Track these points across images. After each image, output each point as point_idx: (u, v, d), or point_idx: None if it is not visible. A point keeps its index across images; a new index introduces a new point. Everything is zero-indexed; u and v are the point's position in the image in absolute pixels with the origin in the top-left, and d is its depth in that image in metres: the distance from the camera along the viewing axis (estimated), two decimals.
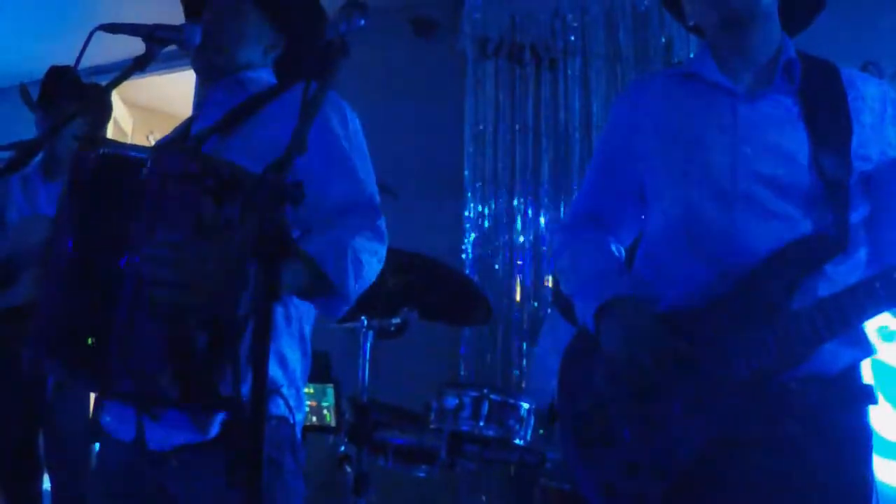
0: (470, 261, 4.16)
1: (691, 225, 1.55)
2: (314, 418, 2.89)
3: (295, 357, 1.61)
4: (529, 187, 4.15)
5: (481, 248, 4.17)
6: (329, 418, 2.90)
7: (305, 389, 1.71)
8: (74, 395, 2.93)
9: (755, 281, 1.48)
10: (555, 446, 2.57)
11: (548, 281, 3.99)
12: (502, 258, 4.14)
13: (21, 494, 2.99)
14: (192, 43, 1.64)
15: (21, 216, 3.07)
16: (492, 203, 4.19)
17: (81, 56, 1.58)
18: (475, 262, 4.16)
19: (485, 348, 4.07)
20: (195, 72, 1.76)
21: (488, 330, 4.01)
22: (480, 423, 2.66)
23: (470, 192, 4.22)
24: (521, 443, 2.67)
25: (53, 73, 3.15)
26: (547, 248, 3.99)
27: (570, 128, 4.12)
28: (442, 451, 2.61)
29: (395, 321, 2.78)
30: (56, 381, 2.89)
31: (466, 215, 4.21)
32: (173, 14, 1.83)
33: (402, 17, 4.40)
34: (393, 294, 2.68)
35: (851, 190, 1.48)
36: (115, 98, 4.63)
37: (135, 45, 1.53)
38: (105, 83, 1.58)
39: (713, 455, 1.47)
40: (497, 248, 4.15)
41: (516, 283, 4.09)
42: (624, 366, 1.56)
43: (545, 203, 4.10)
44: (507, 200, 4.18)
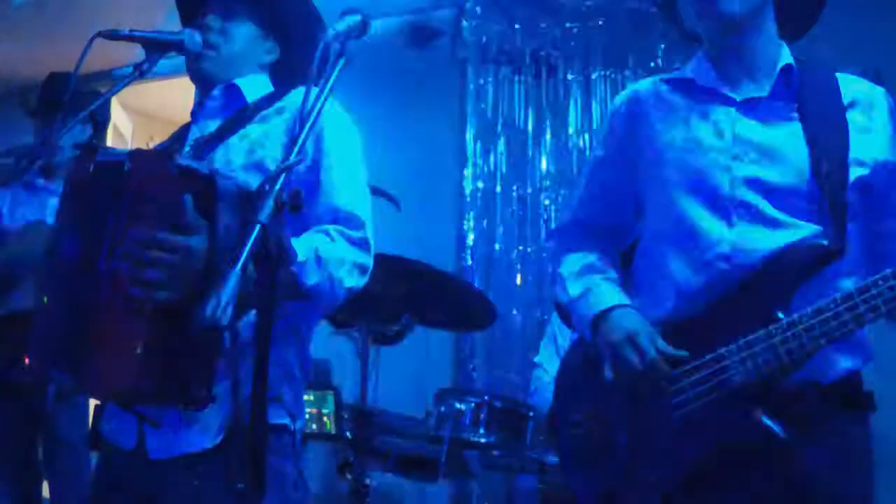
0: (470, 268, 4.15)
1: (688, 232, 1.55)
2: (314, 425, 2.88)
3: (295, 364, 1.61)
4: (530, 194, 4.15)
5: (482, 254, 4.16)
6: (329, 425, 2.90)
7: (305, 396, 1.71)
8: (73, 402, 2.93)
9: (752, 287, 1.48)
10: (555, 453, 2.56)
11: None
12: (503, 265, 4.13)
13: (20, 502, 2.98)
14: (191, 49, 1.65)
15: (25, 222, 3.07)
16: (493, 210, 4.19)
17: (81, 63, 1.58)
18: (476, 268, 4.15)
19: (485, 355, 4.06)
20: (191, 79, 1.76)
21: (489, 336, 4.00)
22: (481, 430, 2.65)
23: (471, 198, 4.22)
24: (522, 449, 2.67)
25: (52, 79, 3.15)
26: (547, 256, 3.99)
27: (570, 135, 4.12)
28: (442, 458, 2.60)
29: (394, 328, 2.78)
30: (56, 389, 2.89)
31: (467, 222, 4.21)
32: (171, 21, 1.84)
33: (403, 25, 4.41)
34: (394, 302, 2.68)
35: (849, 196, 1.47)
36: (114, 104, 4.63)
37: (134, 52, 1.54)
38: (104, 91, 1.58)
39: (712, 462, 1.47)
40: (498, 255, 4.15)
41: (517, 289, 4.09)
42: (620, 371, 1.56)
43: (546, 210, 4.10)
44: (508, 207, 4.18)
